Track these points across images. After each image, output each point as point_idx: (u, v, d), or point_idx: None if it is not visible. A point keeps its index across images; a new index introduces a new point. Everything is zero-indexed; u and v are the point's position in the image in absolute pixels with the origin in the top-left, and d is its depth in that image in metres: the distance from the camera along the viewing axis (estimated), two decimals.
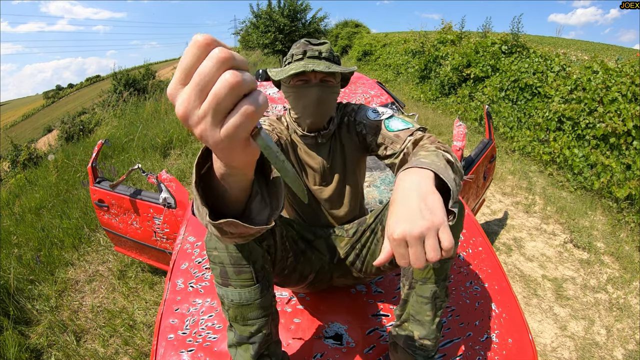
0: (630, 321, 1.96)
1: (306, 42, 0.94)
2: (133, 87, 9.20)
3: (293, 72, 0.88)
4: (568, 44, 16.36)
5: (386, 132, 0.92)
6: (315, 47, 0.93)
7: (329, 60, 0.93)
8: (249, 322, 0.79)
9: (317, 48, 0.93)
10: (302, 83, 0.92)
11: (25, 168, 5.33)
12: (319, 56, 0.92)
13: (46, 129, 14.71)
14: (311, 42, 0.94)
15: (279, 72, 0.93)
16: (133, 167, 1.81)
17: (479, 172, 2.13)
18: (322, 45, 0.94)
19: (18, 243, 2.88)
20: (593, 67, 3.85)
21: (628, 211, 2.97)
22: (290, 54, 0.95)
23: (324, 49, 0.93)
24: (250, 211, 0.50)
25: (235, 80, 0.30)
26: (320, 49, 0.93)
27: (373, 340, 1.02)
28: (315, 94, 0.91)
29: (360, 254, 1.02)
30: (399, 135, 0.89)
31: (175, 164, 4.18)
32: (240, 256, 0.76)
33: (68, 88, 47.07)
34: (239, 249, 0.75)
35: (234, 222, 0.45)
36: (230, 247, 0.75)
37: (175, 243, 1.42)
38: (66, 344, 1.82)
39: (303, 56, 0.92)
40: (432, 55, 7.23)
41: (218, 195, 0.47)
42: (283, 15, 13.27)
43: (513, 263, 2.42)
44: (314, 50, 0.92)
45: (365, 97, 2.26)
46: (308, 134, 0.99)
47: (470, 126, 5.31)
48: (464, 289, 1.19)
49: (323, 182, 1.04)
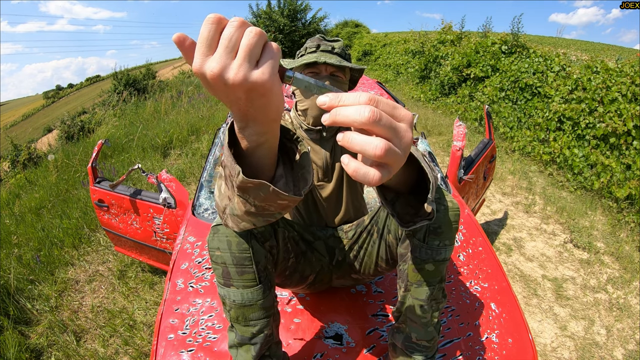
0: (630, 321, 1.96)
1: (321, 37, 0.99)
2: (133, 87, 9.20)
3: (305, 62, 0.92)
4: (568, 44, 16.36)
5: None
6: (329, 43, 0.98)
7: (341, 57, 0.98)
8: (250, 323, 0.79)
9: (331, 44, 0.97)
10: (313, 74, 0.96)
11: (25, 168, 5.33)
12: (332, 51, 0.97)
13: (46, 129, 14.71)
14: (326, 38, 0.99)
15: (291, 62, 0.98)
16: (133, 167, 1.81)
17: (479, 172, 2.13)
18: (335, 42, 0.99)
19: (18, 243, 2.88)
20: (593, 67, 3.86)
21: (628, 211, 2.97)
22: (304, 47, 1.00)
23: (337, 45, 0.97)
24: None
25: (259, 30, 0.36)
26: (334, 45, 0.97)
27: (373, 340, 1.02)
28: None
29: (358, 255, 1.02)
30: None
31: (175, 164, 4.18)
32: (243, 256, 0.75)
33: (68, 88, 47.07)
34: (242, 249, 0.75)
35: (264, 184, 0.46)
36: (233, 247, 0.75)
37: (175, 243, 1.42)
38: (66, 344, 1.82)
39: (316, 49, 0.97)
40: (432, 55, 7.24)
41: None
42: (283, 15, 13.28)
43: (513, 263, 2.42)
44: (328, 45, 0.97)
45: None
46: (313, 128, 1.02)
47: (470, 126, 5.31)
48: (464, 289, 1.19)
49: (325, 178, 1.05)
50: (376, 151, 0.34)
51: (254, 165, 0.48)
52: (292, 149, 0.56)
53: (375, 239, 0.98)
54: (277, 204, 0.50)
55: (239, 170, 0.45)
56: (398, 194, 0.63)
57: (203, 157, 4.20)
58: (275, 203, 0.49)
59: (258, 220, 0.55)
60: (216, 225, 0.78)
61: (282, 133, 0.55)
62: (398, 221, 0.61)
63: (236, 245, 0.75)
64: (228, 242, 0.75)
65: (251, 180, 0.45)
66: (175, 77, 13.64)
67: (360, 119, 0.34)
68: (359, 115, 0.34)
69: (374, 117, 0.33)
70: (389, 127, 0.35)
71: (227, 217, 0.58)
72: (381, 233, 0.95)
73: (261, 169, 0.49)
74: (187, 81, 10.28)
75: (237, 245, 0.75)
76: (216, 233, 0.77)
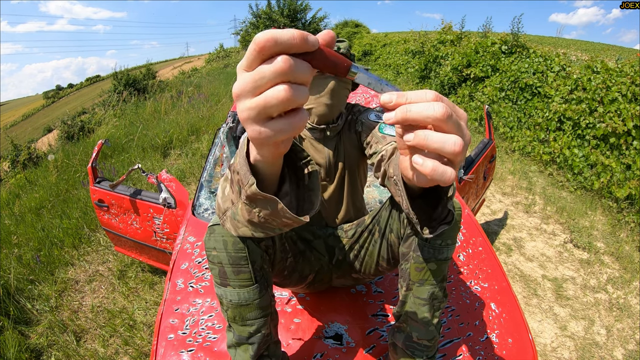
0: (630, 321, 1.96)
1: None
2: (133, 87, 9.19)
3: None
4: (568, 44, 16.36)
5: (377, 132, 0.94)
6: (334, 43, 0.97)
7: (346, 57, 0.96)
8: (247, 323, 0.79)
9: (336, 44, 0.97)
10: (318, 74, 0.96)
11: (25, 168, 5.33)
12: (337, 52, 0.95)
13: (46, 129, 14.70)
14: None
15: None
16: (133, 167, 1.81)
17: (479, 172, 2.13)
18: (341, 42, 0.98)
19: (18, 243, 2.88)
20: (593, 67, 3.85)
21: (628, 211, 2.96)
22: None
23: (342, 46, 0.97)
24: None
25: (285, 97, 0.32)
26: (339, 45, 0.97)
27: (373, 340, 1.02)
28: (330, 85, 0.96)
29: (359, 255, 1.02)
30: (386, 137, 0.90)
31: (175, 164, 4.18)
32: (239, 256, 0.76)
33: (68, 88, 47.02)
34: (238, 249, 0.76)
35: (274, 199, 0.46)
36: (229, 247, 0.75)
37: (175, 243, 1.42)
38: (66, 344, 1.82)
39: None
40: (432, 55, 7.23)
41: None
42: (283, 15, 13.29)
43: (513, 263, 2.42)
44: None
45: (365, 97, 2.26)
46: (317, 126, 1.02)
47: (470, 126, 5.31)
48: (464, 289, 1.19)
49: (327, 177, 1.05)
50: (455, 147, 0.33)
51: (259, 175, 0.48)
52: (302, 167, 0.56)
53: (376, 239, 0.98)
54: (281, 221, 0.49)
55: (254, 182, 0.45)
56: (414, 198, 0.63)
57: (203, 157, 4.20)
58: (280, 220, 0.49)
59: (257, 230, 0.55)
60: (212, 226, 0.78)
61: (293, 151, 0.54)
62: (418, 229, 0.61)
63: (232, 244, 0.75)
64: (224, 242, 0.76)
65: (262, 194, 0.45)
66: (175, 77, 13.65)
67: (434, 114, 0.33)
68: (433, 111, 0.33)
69: (447, 112, 0.33)
70: (457, 123, 0.34)
71: (226, 219, 0.58)
72: (383, 232, 0.95)
73: (265, 182, 0.49)
74: (187, 81, 10.28)
75: (233, 245, 0.75)
76: (212, 233, 0.77)
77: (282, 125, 0.35)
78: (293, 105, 0.33)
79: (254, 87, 0.33)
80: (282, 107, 0.33)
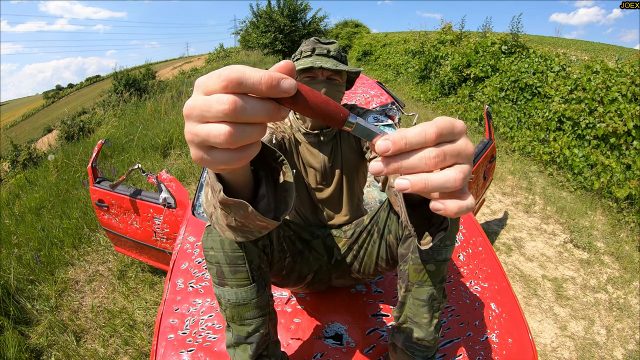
0: (630, 321, 1.96)
1: (315, 40, 0.97)
2: (133, 87, 9.20)
3: (301, 67, 0.91)
4: (568, 44, 16.36)
5: None
6: (324, 46, 0.96)
7: (337, 59, 0.96)
8: (246, 322, 0.79)
9: (326, 47, 0.96)
10: (309, 79, 0.95)
11: (25, 168, 5.33)
12: (327, 54, 0.95)
13: (46, 129, 14.70)
14: (320, 40, 0.97)
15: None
16: (133, 167, 1.82)
17: (479, 172, 2.13)
18: (331, 44, 0.97)
19: (18, 243, 2.88)
20: (593, 67, 3.85)
21: (628, 211, 2.96)
22: (299, 50, 0.98)
23: (332, 48, 0.96)
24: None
25: (225, 139, 0.30)
26: (329, 47, 0.96)
27: (373, 340, 1.02)
28: (322, 90, 0.94)
29: (358, 255, 1.02)
30: None
31: (175, 164, 4.18)
32: (236, 256, 0.76)
33: (68, 88, 47.02)
34: (234, 248, 0.76)
35: (243, 204, 0.45)
36: (226, 247, 0.76)
37: (175, 243, 1.42)
38: (66, 344, 1.82)
39: (312, 53, 0.95)
40: (432, 55, 7.23)
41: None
42: (283, 15, 13.29)
43: (513, 263, 2.42)
44: (323, 49, 0.95)
45: (365, 97, 2.26)
46: (311, 132, 1.01)
47: (470, 126, 5.31)
48: (464, 289, 1.19)
49: (323, 181, 1.05)
50: (456, 184, 0.32)
51: (229, 182, 0.48)
52: (277, 169, 0.55)
53: (375, 239, 0.98)
54: (256, 224, 0.49)
55: (221, 188, 0.45)
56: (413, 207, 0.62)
57: None
58: (254, 223, 0.49)
59: (238, 234, 0.55)
60: (210, 226, 0.78)
61: (267, 154, 0.54)
62: (416, 242, 0.61)
63: (229, 244, 0.75)
64: (221, 241, 0.76)
65: (231, 199, 0.45)
66: (175, 77, 13.65)
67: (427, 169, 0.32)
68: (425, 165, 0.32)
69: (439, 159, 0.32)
70: (454, 155, 0.32)
71: (214, 222, 0.58)
72: (382, 233, 0.95)
73: (237, 187, 0.49)
74: (187, 81, 10.28)
75: (230, 245, 0.75)
76: (210, 233, 0.78)
77: (225, 158, 0.32)
78: (237, 145, 0.31)
79: (200, 115, 0.30)
80: (225, 145, 0.31)
